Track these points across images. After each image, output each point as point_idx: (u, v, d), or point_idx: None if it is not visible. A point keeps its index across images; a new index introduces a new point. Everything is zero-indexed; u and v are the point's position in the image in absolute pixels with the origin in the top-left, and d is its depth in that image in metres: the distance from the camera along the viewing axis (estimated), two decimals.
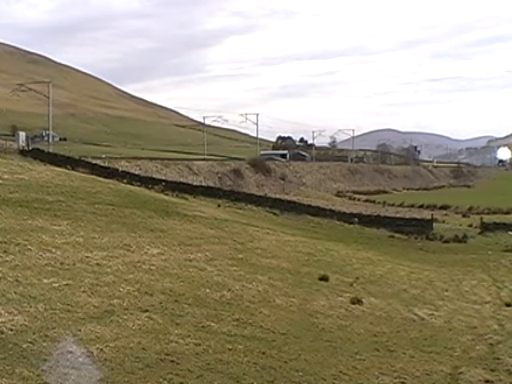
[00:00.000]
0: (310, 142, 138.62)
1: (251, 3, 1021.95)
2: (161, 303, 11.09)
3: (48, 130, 74.81)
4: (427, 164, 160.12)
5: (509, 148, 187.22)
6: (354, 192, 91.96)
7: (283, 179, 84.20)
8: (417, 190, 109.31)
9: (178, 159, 73.82)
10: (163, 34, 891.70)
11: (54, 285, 10.84)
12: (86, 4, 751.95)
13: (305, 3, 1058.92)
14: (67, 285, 11.00)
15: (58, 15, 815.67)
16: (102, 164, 51.02)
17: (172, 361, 8.17)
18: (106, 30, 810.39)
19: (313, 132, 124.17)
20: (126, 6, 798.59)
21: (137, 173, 51.78)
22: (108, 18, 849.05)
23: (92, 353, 7.89)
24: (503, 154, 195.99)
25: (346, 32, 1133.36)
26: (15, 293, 9.83)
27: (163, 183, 47.16)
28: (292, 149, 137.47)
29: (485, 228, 49.28)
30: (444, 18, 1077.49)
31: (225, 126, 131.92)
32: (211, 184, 62.20)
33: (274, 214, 49.56)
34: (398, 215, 56.84)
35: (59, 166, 41.35)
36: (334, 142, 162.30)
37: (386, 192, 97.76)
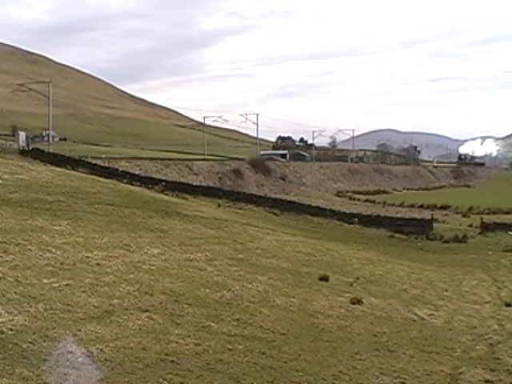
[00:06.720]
0: (310, 142, 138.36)
1: (248, 3, 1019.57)
2: (161, 303, 11.09)
3: (48, 129, 74.82)
4: (427, 164, 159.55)
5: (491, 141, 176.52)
6: (354, 192, 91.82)
7: (283, 179, 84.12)
8: (417, 190, 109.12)
9: (178, 159, 73.72)
10: (162, 35, 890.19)
11: (54, 285, 10.84)
12: (83, 4, 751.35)
13: (302, 3, 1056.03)
14: (67, 285, 11.00)
15: (56, 16, 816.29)
16: (102, 164, 50.97)
17: (172, 361, 8.17)
18: (104, 31, 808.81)
19: (313, 132, 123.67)
20: (123, 7, 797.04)
21: (137, 173, 51.73)
22: (106, 19, 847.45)
23: (92, 353, 7.88)
24: (468, 147, 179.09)
25: (344, 32, 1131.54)
26: (15, 293, 9.83)
27: (163, 183, 47.15)
28: (292, 149, 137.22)
29: (485, 228, 49.26)
30: (442, 18, 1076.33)
31: (225, 126, 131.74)
32: (211, 184, 62.09)
33: (274, 214, 49.54)
34: (398, 215, 56.76)
35: (59, 165, 41.35)
36: (334, 142, 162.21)
37: (385, 192, 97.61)
